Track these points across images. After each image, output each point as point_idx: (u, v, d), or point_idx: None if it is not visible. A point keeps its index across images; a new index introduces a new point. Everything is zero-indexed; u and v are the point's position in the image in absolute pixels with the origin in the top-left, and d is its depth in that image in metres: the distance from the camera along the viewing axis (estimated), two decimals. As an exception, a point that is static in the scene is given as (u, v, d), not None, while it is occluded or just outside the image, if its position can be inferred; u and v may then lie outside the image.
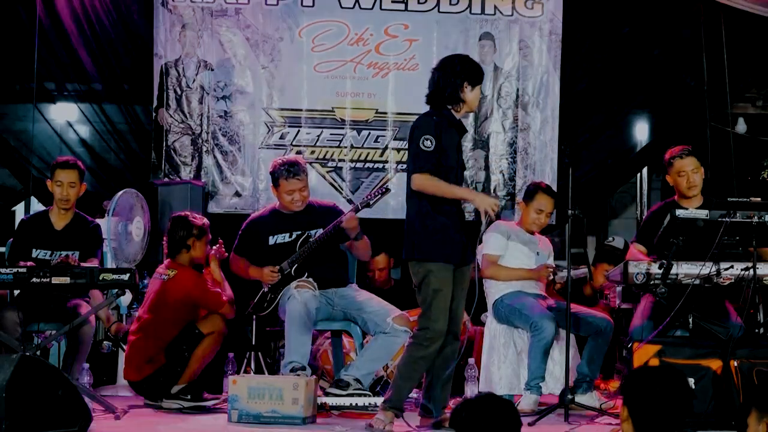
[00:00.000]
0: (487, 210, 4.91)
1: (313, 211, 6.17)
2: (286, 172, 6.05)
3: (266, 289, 6.06)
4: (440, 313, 4.98)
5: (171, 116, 7.84)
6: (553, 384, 6.02)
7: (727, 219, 5.17)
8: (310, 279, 5.95)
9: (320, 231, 5.97)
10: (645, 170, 8.90)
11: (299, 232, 6.07)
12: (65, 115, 8.29)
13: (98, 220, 6.40)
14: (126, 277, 5.37)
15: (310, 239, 6.00)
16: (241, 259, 6.19)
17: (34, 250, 6.07)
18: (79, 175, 6.17)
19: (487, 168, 7.99)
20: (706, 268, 5.24)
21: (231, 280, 6.24)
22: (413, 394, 6.03)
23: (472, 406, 3.08)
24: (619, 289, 6.92)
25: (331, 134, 7.94)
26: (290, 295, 5.85)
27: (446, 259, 5.01)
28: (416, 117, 5.17)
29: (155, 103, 7.85)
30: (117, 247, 6.57)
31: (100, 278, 5.37)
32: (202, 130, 7.85)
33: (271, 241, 6.11)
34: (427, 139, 4.94)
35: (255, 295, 6.11)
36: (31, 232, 6.18)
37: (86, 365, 5.87)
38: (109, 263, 6.62)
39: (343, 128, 7.92)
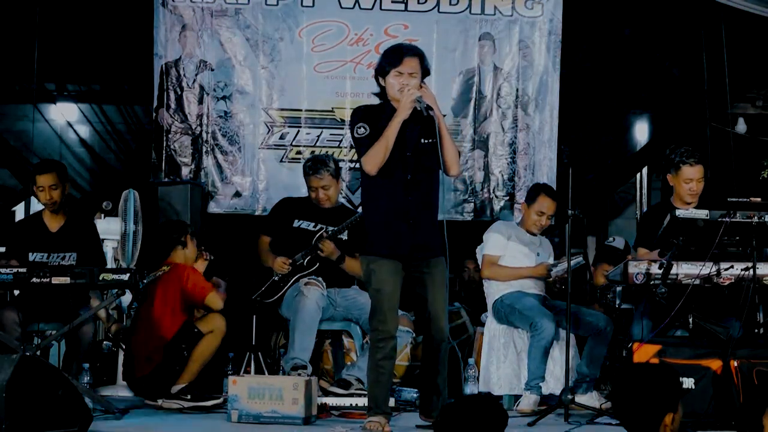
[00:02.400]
0: None
1: (343, 210, 6.27)
2: (308, 167, 6.18)
3: (276, 278, 6.09)
4: (386, 313, 4.98)
5: (171, 116, 7.82)
6: (553, 384, 6.02)
7: (727, 219, 5.16)
8: (320, 278, 5.97)
9: (335, 229, 6.05)
10: (645, 170, 8.90)
11: (322, 225, 6.11)
12: (65, 115, 8.30)
13: (98, 221, 6.39)
14: (126, 277, 5.37)
15: (325, 236, 6.04)
16: (264, 241, 6.23)
17: (30, 253, 5.96)
18: (59, 175, 5.99)
19: (486, 168, 7.98)
20: (706, 268, 5.24)
21: (243, 265, 6.29)
22: (414, 394, 6.03)
23: (453, 410, 3.09)
24: (619, 289, 6.90)
25: (330, 134, 7.93)
26: (299, 292, 5.87)
27: (385, 254, 4.98)
28: None
29: (155, 103, 7.84)
30: (126, 248, 6.56)
31: (100, 278, 5.37)
32: (201, 131, 7.84)
33: (296, 224, 6.17)
34: (360, 127, 4.94)
35: (262, 284, 6.16)
36: (25, 236, 6.06)
37: (86, 365, 5.87)
38: (109, 263, 6.62)
39: (342, 128, 7.90)
